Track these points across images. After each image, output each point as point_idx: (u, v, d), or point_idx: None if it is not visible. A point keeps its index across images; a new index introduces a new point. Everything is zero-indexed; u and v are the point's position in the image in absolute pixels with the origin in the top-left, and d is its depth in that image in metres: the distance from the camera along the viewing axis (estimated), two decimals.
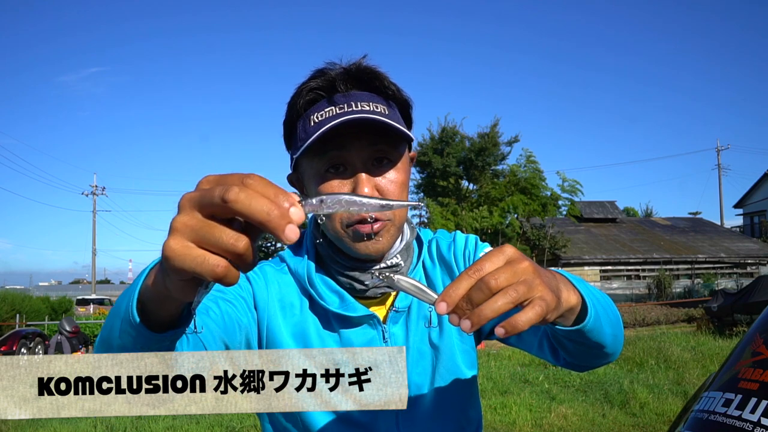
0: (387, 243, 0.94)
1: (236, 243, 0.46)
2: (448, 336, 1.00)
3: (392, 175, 0.92)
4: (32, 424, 6.27)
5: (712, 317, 12.52)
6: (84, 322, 16.23)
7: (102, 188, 38.64)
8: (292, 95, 0.95)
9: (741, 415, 0.83)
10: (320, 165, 0.91)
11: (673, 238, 25.39)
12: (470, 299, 0.55)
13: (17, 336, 12.38)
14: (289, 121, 0.96)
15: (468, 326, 0.55)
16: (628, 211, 40.86)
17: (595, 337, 0.76)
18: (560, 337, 0.80)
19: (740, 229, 31.20)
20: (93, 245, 36.78)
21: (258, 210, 0.45)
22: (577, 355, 0.85)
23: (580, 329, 0.73)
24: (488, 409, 6.15)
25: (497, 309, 0.55)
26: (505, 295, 0.55)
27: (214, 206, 0.46)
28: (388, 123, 0.88)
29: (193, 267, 0.46)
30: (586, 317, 0.72)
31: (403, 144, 0.96)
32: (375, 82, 0.93)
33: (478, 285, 0.56)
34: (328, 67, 0.94)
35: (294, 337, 0.94)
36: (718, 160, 36.30)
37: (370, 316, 0.95)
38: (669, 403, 6.08)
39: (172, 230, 0.48)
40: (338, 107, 0.89)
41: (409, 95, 0.99)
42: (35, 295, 24.84)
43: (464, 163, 20.64)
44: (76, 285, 75.13)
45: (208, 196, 0.47)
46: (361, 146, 0.89)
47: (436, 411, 0.98)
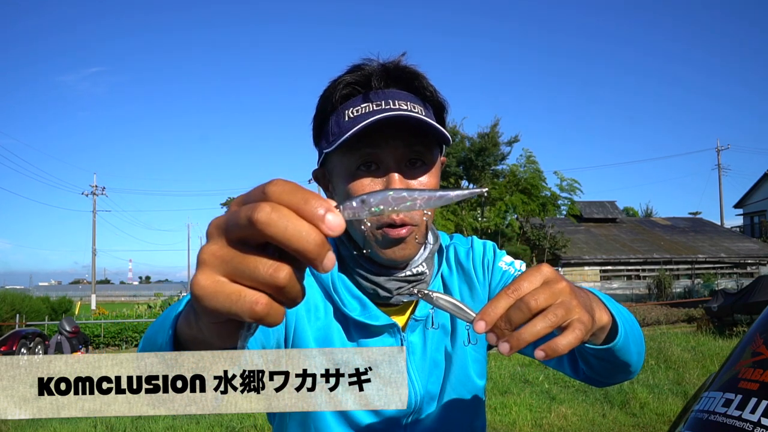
0: (414, 249, 0.91)
1: (275, 274, 0.39)
2: (462, 345, 0.99)
3: (425, 179, 0.89)
4: (32, 424, 6.27)
5: (712, 317, 12.52)
6: (84, 322, 16.23)
7: (102, 188, 38.64)
8: (327, 88, 0.92)
9: (741, 415, 0.83)
10: (352, 162, 0.87)
11: (673, 238, 25.38)
12: (509, 319, 0.55)
13: (17, 336, 12.38)
14: (322, 115, 0.92)
15: (507, 349, 0.55)
16: (628, 211, 40.86)
17: (622, 356, 0.76)
18: (587, 354, 0.79)
19: (740, 229, 31.19)
20: (93, 245, 36.79)
21: (294, 235, 0.38)
22: (600, 372, 0.84)
23: (610, 348, 0.73)
24: (488, 409, 6.11)
25: (536, 333, 0.54)
26: (544, 319, 0.55)
27: (242, 230, 0.39)
28: (428, 123, 0.85)
29: (228, 306, 0.39)
30: (617, 337, 0.72)
31: (437, 147, 0.93)
32: (414, 82, 0.91)
33: (517, 305, 0.55)
34: (365, 63, 0.91)
35: (317, 341, 0.91)
36: (718, 160, 36.31)
37: (390, 324, 0.93)
38: (669, 403, 6.08)
39: (200, 263, 0.41)
40: (375, 104, 0.86)
41: (446, 98, 0.96)
42: (35, 295, 24.83)
43: (464, 163, 20.64)
44: (76, 285, 75.15)
45: (233, 219, 0.40)
46: (397, 146, 0.86)
47: (445, 420, 0.97)
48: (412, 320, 0.96)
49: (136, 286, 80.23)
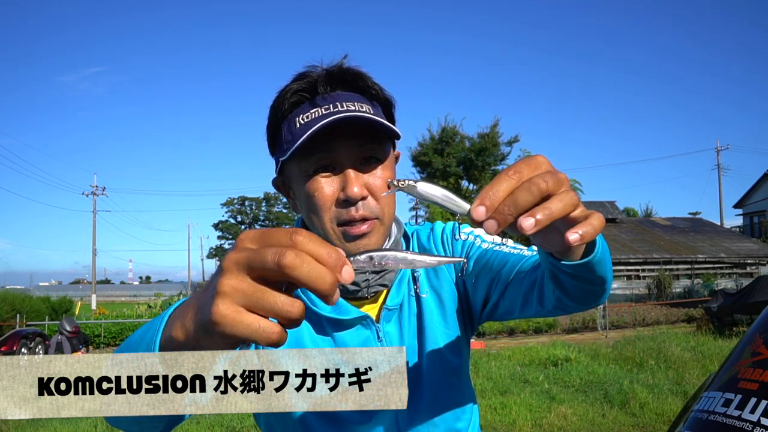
0: (377, 242, 0.94)
1: (291, 309, 0.46)
2: (431, 325, 1.01)
3: (380, 173, 0.92)
4: (32, 424, 6.27)
5: (712, 317, 12.53)
6: (84, 322, 16.24)
7: (102, 188, 38.74)
8: (275, 98, 0.95)
9: (741, 415, 0.83)
10: (308, 166, 0.90)
11: (673, 238, 25.39)
12: (515, 202, 0.50)
13: (17, 336, 12.37)
14: (273, 125, 0.95)
15: (531, 224, 0.50)
16: (628, 211, 40.84)
17: (599, 270, 0.73)
18: (561, 274, 0.74)
19: (740, 229, 31.21)
20: (93, 245, 36.82)
21: (315, 278, 0.45)
22: (575, 294, 0.79)
23: (590, 261, 0.69)
24: (488, 409, 6.15)
25: (562, 210, 0.50)
26: (562, 200, 0.51)
27: (267, 270, 0.45)
28: (378, 121, 0.88)
29: (247, 334, 0.45)
30: (594, 248, 0.69)
31: (389, 143, 0.96)
32: (358, 83, 0.94)
33: (525, 186, 0.51)
34: (310, 70, 0.94)
35: (288, 343, 0.93)
36: (718, 160, 36.34)
37: (363, 317, 0.96)
38: (669, 403, 6.09)
39: (219, 294, 0.46)
40: (323, 108, 0.89)
41: (392, 94, 0.99)
42: (35, 295, 24.85)
43: (464, 163, 20.68)
44: (76, 285, 75.19)
45: (259, 260, 0.46)
46: (350, 146, 0.89)
47: (428, 403, 0.98)
48: (385, 310, 0.98)
49: (136, 286, 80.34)
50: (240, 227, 58.12)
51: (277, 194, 59.79)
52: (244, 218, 58.64)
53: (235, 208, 58.36)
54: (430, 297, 1.03)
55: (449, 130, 20.61)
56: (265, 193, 58.31)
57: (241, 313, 0.45)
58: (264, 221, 58.36)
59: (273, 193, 58.44)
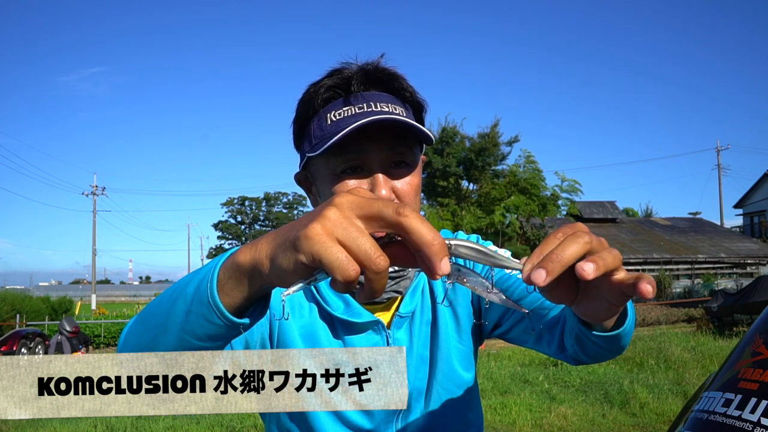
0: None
1: (379, 260, 0.45)
2: (446, 338, 1.00)
3: (409, 179, 0.90)
4: (32, 424, 6.27)
5: (712, 317, 12.53)
6: (84, 322, 16.24)
7: (102, 188, 38.65)
8: (306, 92, 0.93)
9: (741, 415, 0.83)
10: (336, 165, 0.88)
11: (673, 238, 25.38)
12: (564, 250, 0.49)
13: (17, 336, 12.38)
14: (302, 118, 0.93)
15: (592, 268, 0.48)
16: (628, 211, 40.84)
17: (622, 340, 0.75)
18: (587, 339, 0.75)
19: (740, 229, 31.19)
20: (93, 245, 36.79)
21: (426, 232, 0.45)
22: (593, 354, 0.81)
23: (618, 334, 0.71)
24: (488, 409, 6.14)
25: (613, 262, 0.50)
26: (611, 253, 0.50)
27: (383, 218, 0.46)
28: (411, 124, 0.86)
29: (330, 261, 0.45)
30: (625, 321, 0.70)
31: (418, 147, 0.94)
32: (393, 83, 0.92)
33: (570, 238, 0.51)
34: (345, 66, 0.92)
35: (303, 337, 0.93)
36: (718, 160, 36.32)
37: (374, 321, 0.94)
38: (669, 403, 6.08)
39: (322, 217, 0.46)
40: (356, 107, 0.87)
41: (424, 98, 0.97)
42: (35, 295, 24.84)
43: (464, 163, 20.65)
44: (76, 285, 75.17)
45: (378, 206, 0.46)
46: (381, 149, 0.87)
47: (435, 415, 0.98)
48: (397, 317, 0.96)
49: (136, 286, 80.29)
50: (240, 227, 58.12)
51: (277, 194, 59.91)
52: (244, 218, 58.63)
53: (235, 208, 58.35)
54: (446, 309, 1.01)
55: (449, 130, 20.59)
56: (265, 193, 58.38)
57: (333, 241, 0.45)
58: (264, 221, 58.34)
59: (273, 193, 58.48)
